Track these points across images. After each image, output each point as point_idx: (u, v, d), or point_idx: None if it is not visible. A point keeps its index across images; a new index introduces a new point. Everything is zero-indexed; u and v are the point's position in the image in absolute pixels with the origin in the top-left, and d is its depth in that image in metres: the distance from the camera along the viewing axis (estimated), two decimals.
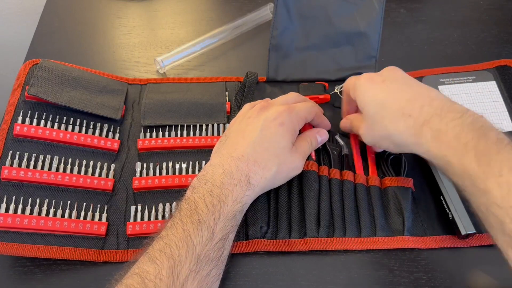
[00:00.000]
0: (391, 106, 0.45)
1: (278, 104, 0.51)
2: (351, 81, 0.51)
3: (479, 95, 0.60)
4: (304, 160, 0.50)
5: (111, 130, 0.56)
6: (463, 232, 0.47)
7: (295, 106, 0.50)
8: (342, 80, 0.62)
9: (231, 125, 0.51)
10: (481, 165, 0.38)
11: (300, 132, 0.52)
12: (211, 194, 0.43)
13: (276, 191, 0.51)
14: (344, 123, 0.56)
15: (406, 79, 0.47)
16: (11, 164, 0.50)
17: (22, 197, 0.48)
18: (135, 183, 0.52)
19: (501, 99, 0.60)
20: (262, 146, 0.46)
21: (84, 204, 0.50)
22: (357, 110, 0.56)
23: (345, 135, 0.57)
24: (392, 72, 0.48)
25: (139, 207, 0.51)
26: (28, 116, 0.53)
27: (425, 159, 0.45)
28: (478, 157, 0.38)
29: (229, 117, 0.58)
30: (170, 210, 0.51)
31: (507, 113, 0.58)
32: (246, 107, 0.52)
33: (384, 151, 0.54)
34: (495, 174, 0.37)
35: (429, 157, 0.43)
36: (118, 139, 0.56)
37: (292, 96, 0.53)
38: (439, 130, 0.41)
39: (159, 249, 0.40)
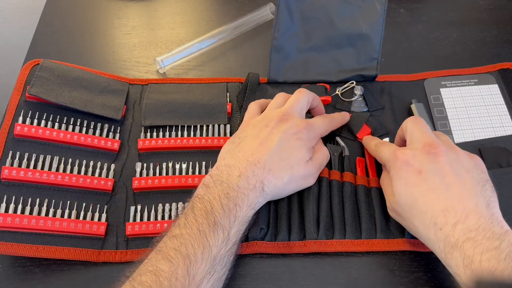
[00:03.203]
0: (423, 210, 0.42)
1: (278, 111, 0.50)
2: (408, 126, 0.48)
3: (481, 98, 0.60)
4: (318, 172, 0.50)
5: (112, 130, 0.56)
6: None
7: (314, 123, 0.51)
8: (343, 82, 0.62)
9: (245, 127, 0.50)
10: None
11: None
12: (228, 197, 0.42)
13: None
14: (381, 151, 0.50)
15: (445, 174, 0.42)
16: (11, 164, 0.50)
17: (22, 197, 0.48)
18: (135, 183, 0.52)
19: (503, 102, 0.59)
20: (279, 156, 0.46)
21: (84, 204, 0.50)
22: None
23: (346, 137, 0.57)
24: (432, 160, 0.43)
25: (139, 207, 0.51)
26: (29, 116, 0.53)
27: None
28: None
29: (230, 118, 0.58)
30: (170, 210, 0.51)
31: (509, 117, 0.58)
32: (253, 107, 0.52)
33: None
34: None
35: (455, 276, 0.40)
36: (119, 139, 0.56)
37: (281, 98, 0.53)
38: (471, 259, 0.38)
39: (174, 248, 0.39)
